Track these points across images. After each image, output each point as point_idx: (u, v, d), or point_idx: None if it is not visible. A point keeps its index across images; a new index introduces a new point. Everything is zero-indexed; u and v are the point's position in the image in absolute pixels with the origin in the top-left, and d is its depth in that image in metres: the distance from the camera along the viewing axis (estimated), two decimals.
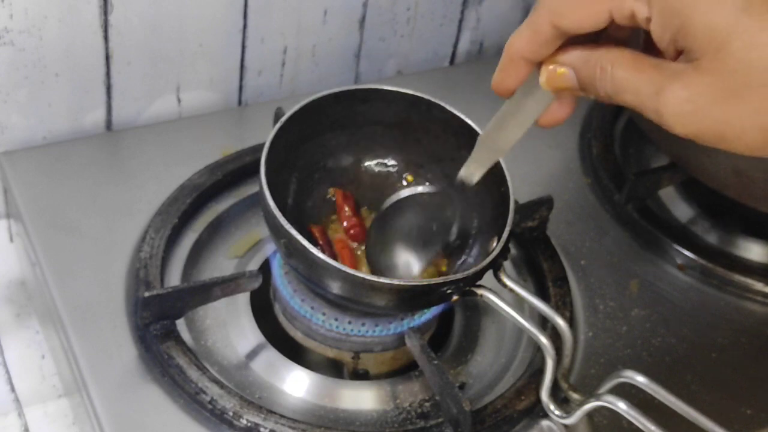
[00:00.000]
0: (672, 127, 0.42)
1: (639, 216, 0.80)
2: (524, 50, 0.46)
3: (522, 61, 0.47)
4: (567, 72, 0.45)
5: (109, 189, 0.74)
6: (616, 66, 0.43)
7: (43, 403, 0.74)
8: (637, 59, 0.43)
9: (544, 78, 0.46)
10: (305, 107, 0.63)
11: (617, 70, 0.43)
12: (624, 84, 0.43)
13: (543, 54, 0.46)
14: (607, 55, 0.44)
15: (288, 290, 0.65)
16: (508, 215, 0.61)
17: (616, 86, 0.43)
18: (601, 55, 0.44)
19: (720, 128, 0.41)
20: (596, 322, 0.71)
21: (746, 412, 0.67)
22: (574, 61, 0.45)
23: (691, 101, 0.41)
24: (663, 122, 0.42)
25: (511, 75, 0.48)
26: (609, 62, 0.43)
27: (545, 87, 0.47)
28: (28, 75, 0.74)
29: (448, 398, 0.60)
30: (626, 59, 0.43)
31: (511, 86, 0.49)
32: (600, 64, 0.44)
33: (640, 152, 0.89)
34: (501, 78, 0.49)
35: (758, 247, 0.80)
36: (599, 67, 0.44)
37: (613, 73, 0.43)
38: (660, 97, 0.41)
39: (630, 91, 0.43)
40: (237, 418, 0.59)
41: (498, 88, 0.49)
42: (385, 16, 0.88)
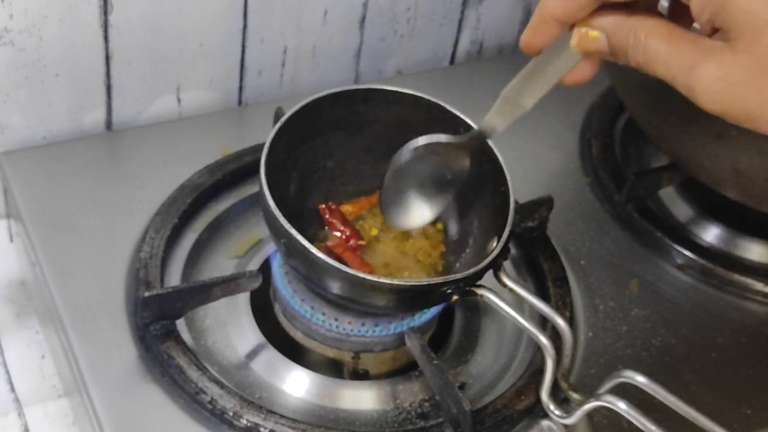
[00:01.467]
0: (702, 102, 0.42)
1: (639, 216, 0.80)
2: (558, 11, 0.46)
3: (554, 22, 0.47)
4: (599, 36, 0.45)
5: (109, 189, 0.74)
6: (651, 36, 0.43)
7: (43, 403, 0.74)
8: (672, 31, 0.43)
9: (576, 41, 0.46)
10: (305, 107, 0.63)
11: (651, 40, 0.43)
12: (656, 55, 0.43)
13: (577, 16, 0.46)
14: (641, 24, 0.44)
15: (288, 290, 0.65)
16: (508, 215, 0.61)
17: (648, 56, 0.43)
18: (636, 22, 0.44)
19: (749, 109, 0.41)
20: (596, 322, 0.71)
21: (746, 412, 0.67)
22: (608, 26, 0.45)
23: (724, 80, 0.41)
24: (694, 97, 0.42)
25: (542, 34, 0.48)
26: (643, 31, 0.43)
27: (576, 50, 0.47)
28: (28, 75, 0.74)
29: (448, 398, 0.60)
30: (661, 30, 0.43)
31: (540, 45, 0.49)
32: (634, 32, 0.44)
33: (640, 152, 0.89)
34: (531, 36, 0.48)
35: (758, 247, 0.80)
36: (633, 34, 0.44)
37: (647, 42, 0.43)
38: (693, 72, 0.42)
39: (662, 63, 0.43)
40: (237, 418, 0.59)
41: (527, 46, 0.49)
42: (385, 16, 0.88)
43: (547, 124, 0.88)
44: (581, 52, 0.47)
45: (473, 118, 0.64)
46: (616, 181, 0.81)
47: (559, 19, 0.46)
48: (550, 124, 0.88)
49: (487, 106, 0.54)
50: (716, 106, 0.42)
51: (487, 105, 0.54)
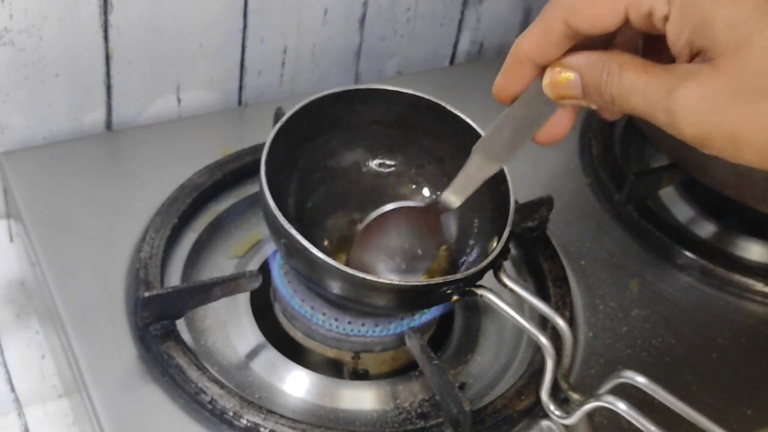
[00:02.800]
0: (683, 128, 0.40)
1: (639, 216, 0.80)
2: (532, 51, 0.45)
3: (528, 63, 0.46)
4: (572, 77, 0.44)
5: (109, 189, 0.74)
6: (625, 68, 0.42)
7: (43, 403, 0.74)
8: (647, 63, 0.42)
9: (548, 81, 0.45)
10: (305, 107, 0.63)
11: (626, 73, 0.42)
12: (632, 86, 0.42)
13: (551, 55, 0.45)
14: (615, 58, 0.43)
15: (288, 290, 0.65)
16: (508, 215, 0.61)
17: (624, 89, 0.42)
18: (610, 57, 0.43)
19: (733, 130, 0.40)
20: (596, 322, 0.71)
21: (746, 412, 0.67)
22: (581, 63, 0.44)
23: (706, 99, 0.39)
24: (674, 122, 0.41)
25: (515, 79, 0.47)
26: (618, 64, 0.42)
27: (548, 93, 0.46)
28: (28, 75, 0.74)
29: (448, 398, 0.60)
30: (636, 62, 0.42)
31: (513, 92, 0.48)
32: (608, 67, 0.43)
33: (640, 152, 0.89)
34: (504, 82, 0.48)
35: (758, 247, 0.80)
36: (607, 70, 0.43)
37: (621, 75, 0.42)
38: (672, 95, 0.40)
39: (639, 94, 0.42)
40: (237, 418, 0.59)
41: (499, 94, 0.48)
42: (385, 16, 0.88)
43: None
44: (554, 95, 0.46)
45: (473, 118, 0.65)
46: (616, 181, 0.81)
47: (533, 58, 0.46)
48: None
49: (487, 106, 0.53)
50: (697, 129, 0.40)
51: (487, 105, 0.53)
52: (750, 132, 0.39)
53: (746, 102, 0.39)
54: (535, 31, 0.45)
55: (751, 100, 0.39)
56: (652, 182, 0.82)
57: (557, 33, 0.44)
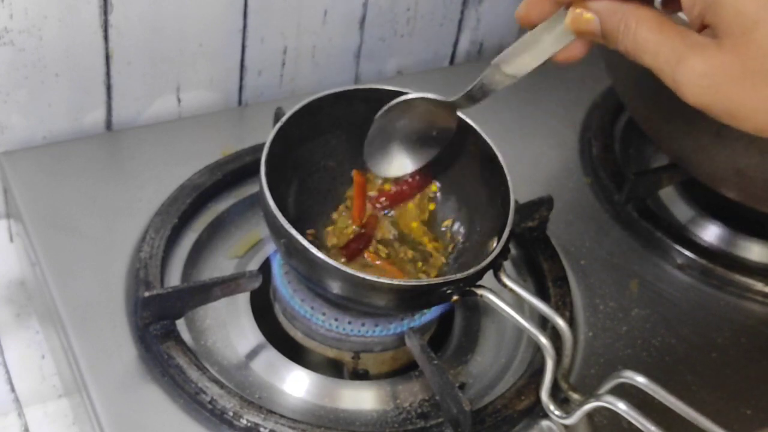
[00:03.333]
0: (686, 96, 0.43)
1: (639, 216, 0.80)
2: None
3: (550, 1, 0.48)
4: (593, 18, 0.46)
5: (109, 189, 0.74)
6: (641, 24, 0.44)
7: (43, 403, 0.74)
8: (662, 22, 0.44)
9: (570, 20, 0.47)
10: (305, 107, 0.63)
11: (641, 29, 0.44)
12: (645, 44, 0.44)
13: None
14: (634, 12, 0.44)
15: (288, 290, 0.65)
16: (508, 215, 0.61)
17: (637, 45, 0.44)
18: (629, 10, 0.45)
19: (732, 106, 0.42)
20: (596, 322, 0.71)
21: (746, 412, 0.67)
22: (602, 9, 0.46)
23: (708, 76, 0.42)
24: (677, 89, 0.43)
25: (537, 10, 0.49)
26: (635, 19, 0.44)
27: (569, 28, 0.47)
28: (28, 75, 0.74)
29: (448, 398, 0.60)
30: (652, 20, 0.44)
31: (534, 20, 0.49)
32: (626, 19, 0.44)
33: (640, 152, 0.89)
34: (526, 10, 0.49)
35: (758, 247, 0.80)
36: (624, 22, 0.44)
37: (637, 31, 0.44)
38: (679, 65, 0.42)
39: (650, 53, 0.44)
40: (237, 418, 0.59)
41: (522, 18, 0.50)
42: (385, 16, 0.88)
43: (547, 124, 0.88)
44: (575, 31, 0.47)
45: (473, 118, 0.64)
46: (616, 181, 0.81)
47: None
48: (550, 124, 0.88)
49: (487, 106, 0.54)
50: (699, 100, 0.43)
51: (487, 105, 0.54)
52: (747, 110, 0.42)
53: (745, 85, 0.41)
54: None
55: (750, 84, 0.41)
56: (652, 182, 0.82)
57: None
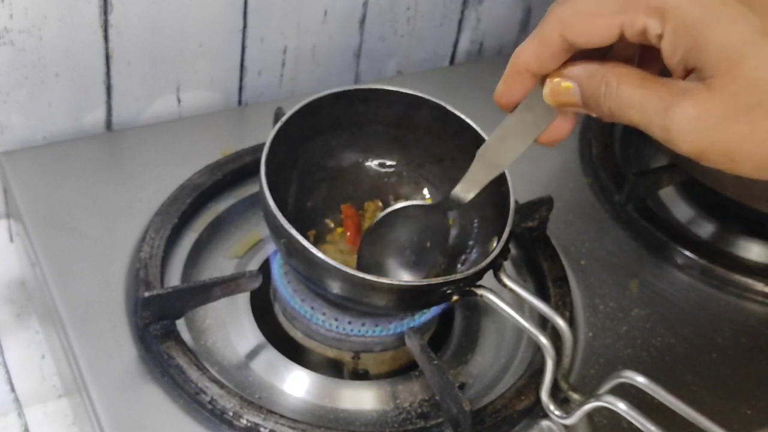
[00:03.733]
0: (679, 145, 0.41)
1: (639, 216, 0.80)
2: (530, 62, 0.46)
3: (527, 74, 0.47)
4: (571, 86, 0.45)
5: (109, 189, 0.74)
6: (623, 82, 0.43)
7: (43, 403, 0.74)
8: (644, 77, 0.43)
9: (548, 91, 0.46)
10: (305, 107, 0.63)
11: (623, 87, 0.43)
12: (630, 100, 0.42)
13: (549, 67, 0.46)
14: (613, 71, 0.43)
15: (288, 290, 0.65)
16: (508, 215, 0.61)
17: (621, 102, 0.43)
18: (608, 70, 0.44)
19: (729, 147, 0.41)
20: (596, 322, 0.71)
21: (746, 412, 0.67)
22: (580, 74, 0.45)
23: (702, 119, 0.40)
24: (670, 139, 0.41)
25: (515, 88, 0.48)
26: (615, 78, 0.43)
27: (548, 101, 0.46)
28: (28, 75, 0.74)
29: (448, 398, 0.60)
30: (633, 76, 0.43)
31: (514, 99, 0.48)
32: (606, 80, 0.43)
33: (640, 152, 0.89)
34: (504, 90, 0.48)
35: (758, 247, 0.80)
36: (605, 82, 0.43)
37: (619, 89, 0.43)
38: (668, 114, 0.41)
39: (636, 108, 0.42)
40: (237, 418, 0.59)
41: (500, 101, 0.49)
42: (385, 16, 0.88)
43: None
44: (554, 103, 0.46)
45: (473, 118, 0.65)
46: (616, 181, 0.81)
47: (532, 70, 0.46)
48: None
49: (487, 106, 0.54)
50: (693, 146, 0.41)
51: (487, 105, 0.53)
52: (744, 149, 0.40)
53: (740, 122, 0.40)
54: (533, 44, 0.46)
55: (745, 120, 0.40)
56: (652, 182, 0.82)
57: (554, 46, 0.45)
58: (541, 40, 0.45)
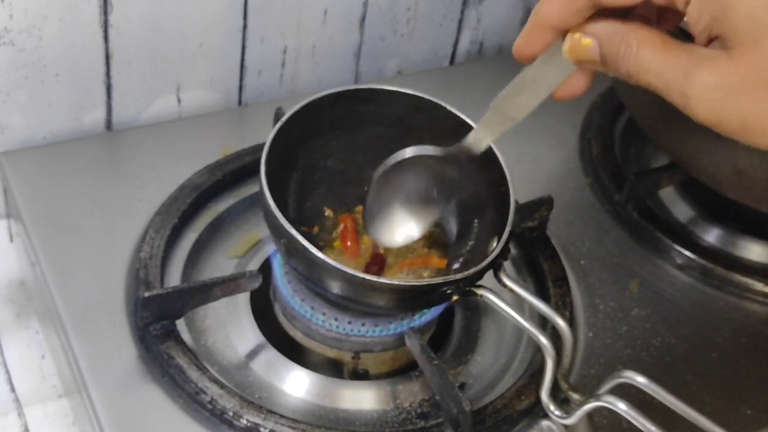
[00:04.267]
0: (697, 111, 0.41)
1: (639, 216, 0.80)
2: (553, 16, 0.46)
3: (549, 28, 0.46)
4: (591, 44, 0.45)
5: (109, 189, 0.74)
6: (643, 45, 0.43)
7: (43, 403, 0.74)
8: (665, 41, 0.42)
9: (568, 46, 0.46)
10: (305, 107, 0.63)
11: (643, 49, 0.42)
12: (648, 64, 0.42)
13: (571, 22, 0.45)
14: (634, 32, 0.43)
15: (288, 290, 0.65)
16: (508, 215, 0.61)
17: (640, 66, 0.43)
18: (629, 31, 0.43)
19: (745, 118, 0.41)
20: (596, 322, 0.71)
21: (746, 412, 0.67)
22: (601, 32, 0.44)
23: (721, 88, 0.40)
24: (688, 106, 0.41)
25: (535, 41, 0.47)
26: (636, 40, 0.43)
27: (567, 56, 0.46)
28: (28, 75, 0.74)
29: (448, 398, 0.60)
30: (654, 39, 0.43)
31: (533, 52, 0.48)
32: (626, 41, 0.43)
33: (640, 152, 0.89)
34: (524, 43, 0.48)
35: (758, 247, 0.80)
36: (625, 43, 0.43)
37: (639, 51, 0.43)
38: (688, 79, 0.41)
39: (654, 72, 0.42)
40: (237, 418, 0.59)
41: (519, 54, 0.48)
42: (385, 16, 0.88)
43: (547, 124, 0.88)
44: (573, 59, 0.46)
45: (473, 118, 0.64)
46: (616, 181, 0.81)
47: (554, 24, 0.46)
48: (550, 124, 0.88)
49: (487, 106, 0.54)
50: (711, 115, 0.41)
51: (487, 105, 0.53)
52: (761, 121, 0.40)
53: (759, 94, 0.40)
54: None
55: (764, 93, 0.40)
56: (652, 182, 0.82)
57: (579, 2, 0.44)
58: None
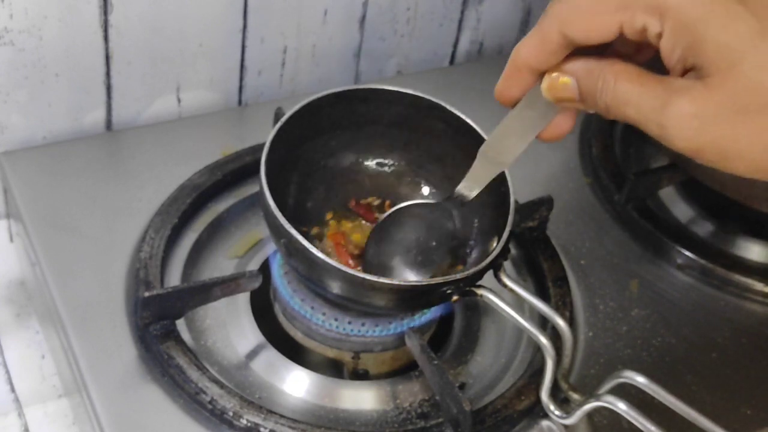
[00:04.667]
0: (674, 141, 0.41)
1: (639, 216, 0.80)
2: (530, 58, 0.46)
3: (527, 70, 0.47)
4: (569, 81, 0.45)
5: (109, 189, 0.74)
6: (620, 78, 0.43)
7: (43, 403, 0.74)
8: (641, 73, 0.43)
9: (546, 85, 0.46)
10: (305, 107, 0.63)
11: (620, 83, 0.43)
12: (626, 97, 0.43)
13: (549, 63, 0.46)
14: (610, 67, 0.44)
15: (288, 290, 0.65)
16: (508, 215, 0.61)
17: (618, 99, 0.43)
18: (605, 66, 0.44)
19: (724, 145, 0.41)
20: (596, 322, 0.71)
21: (746, 412, 0.67)
22: (578, 70, 0.45)
23: (698, 117, 0.41)
24: (666, 135, 0.42)
25: (515, 84, 0.48)
26: (612, 74, 0.43)
27: (546, 95, 0.47)
28: (28, 75, 0.74)
29: (448, 398, 0.60)
30: (630, 73, 0.43)
31: (514, 96, 0.49)
32: (603, 76, 0.44)
33: (640, 152, 0.89)
34: (505, 87, 0.49)
35: (758, 247, 0.80)
36: (602, 78, 0.44)
37: (616, 85, 0.43)
38: (665, 110, 0.41)
39: (632, 105, 0.43)
40: (237, 418, 0.59)
41: (501, 97, 0.49)
42: (385, 16, 0.88)
43: None
44: (552, 98, 0.47)
45: (473, 118, 0.65)
46: (616, 181, 0.81)
47: (532, 66, 0.46)
48: None
49: (487, 106, 0.54)
50: (689, 144, 0.41)
51: (487, 105, 0.53)
52: (739, 148, 0.41)
53: (736, 120, 0.40)
54: (533, 40, 0.46)
55: (741, 119, 0.40)
56: (652, 182, 0.82)
57: (554, 43, 0.45)
58: (541, 37, 0.45)
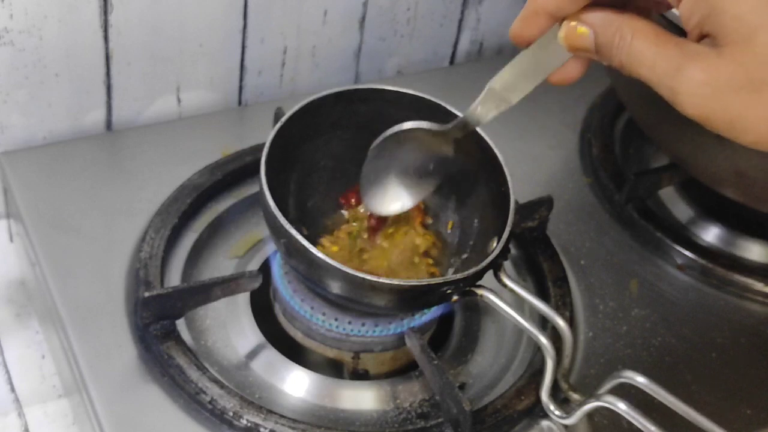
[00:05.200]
0: (685, 107, 0.42)
1: (639, 216, 0.80)
2: (549, 4, 0.46)
3: (545, 14, 0.47)
4: (587, 32, 0.45)
5: (109, 189, 0.74)
6: (637, 36, 0.43)
7: (43, 403, 0.74)
8: (659, 33, 0.43)
9: (564, 34, 0.46)
10: (305, 107, 0.63)
11: (637, 41, 0.43)
12: (641, 56, 0.43)
13: (568, 10, 0.46)
14: (629, 23, 0.43)
15: (288, 290, 0.65)
16: (508, 215, 0.61)
17: (633, 57, 0.43)
18: (624, 21, 0.44)
19: (732, 116, 0.41)
20: (596, 322, 0.71)
21: (746, 412, 0.67)
22: (596, 21, 0.45)
23: (709, 85, 0.41)
24: (677, 101, 0.42)
25: (532, 26, 0.48)
26: (630, 31, 0.43)
27: (563, 43, 0.46)
28: (28, 75, 0.74)
29: (448, 398, 0.60)
30: (648, 31, 0.43)
31: (529, 37, 0.48)
32: (621, 31, 0.43)
33: (640, 152, 0.89)
34: (520, 28, 0.48)
35: (758, 247, 0.80)
36: (620, 34, 0.43)
37: (633, 42, 0.43)
38: (677, 75, 0.42)
39: (646, 65, 0.43)
40: (237, 418, 0.59)
41: (516, 37, 0.49)
42: (385, 16, 0.88)
43: (547, 124, 0.88)
44: (568, 46, 0.46)
45: None
46: (616, 181, 0.81)
47: (550, 11, 0.46)
48: (550, 124, 0.89)
49: None
50: (698, 111, 0.42)
51: None
52: (749, 119, 0.41)
53: (747, 92, 0.40)
54: None
55: (752, 91, 0.40)
56: (652, 182, 0.82)
57: None
58: None
